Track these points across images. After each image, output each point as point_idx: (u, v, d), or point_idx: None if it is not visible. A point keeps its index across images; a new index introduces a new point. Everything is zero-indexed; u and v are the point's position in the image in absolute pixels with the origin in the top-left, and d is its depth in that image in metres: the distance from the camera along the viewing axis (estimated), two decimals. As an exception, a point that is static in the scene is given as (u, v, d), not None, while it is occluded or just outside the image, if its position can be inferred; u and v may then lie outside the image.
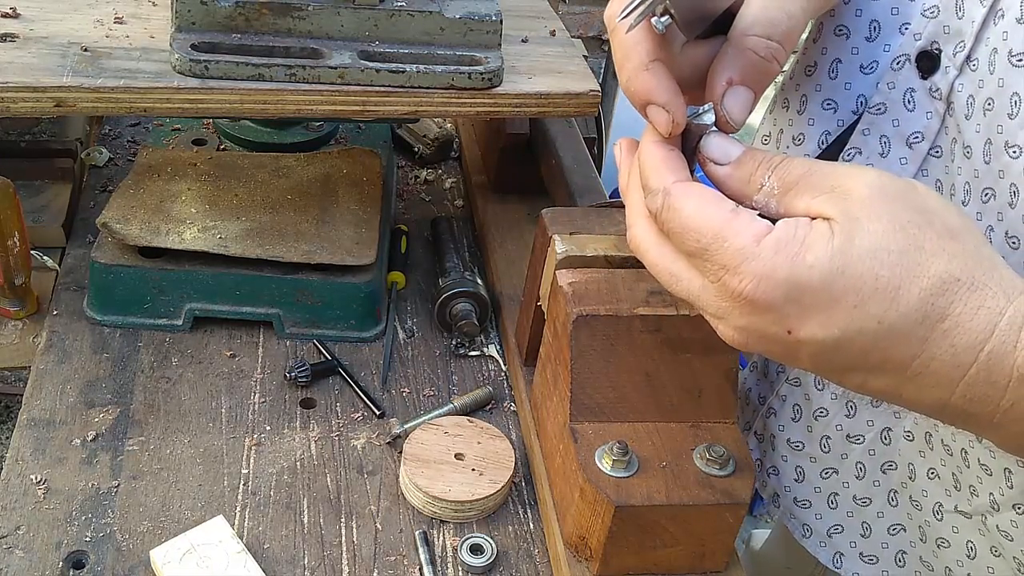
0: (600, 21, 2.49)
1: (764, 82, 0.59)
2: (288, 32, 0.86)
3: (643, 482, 0.71)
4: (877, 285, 0.49)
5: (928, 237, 0.50)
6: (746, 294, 0.51)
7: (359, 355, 0.95)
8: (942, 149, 0.68)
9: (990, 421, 0.51)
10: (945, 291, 0.49)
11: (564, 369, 0.75)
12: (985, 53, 0.63)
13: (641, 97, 0.58)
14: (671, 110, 0.57)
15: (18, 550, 0.73)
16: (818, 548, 0.87)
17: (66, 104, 0.80)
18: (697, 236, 0.53)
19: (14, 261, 0.91)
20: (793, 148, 0.78)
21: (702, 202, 0.53)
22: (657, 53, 0.58)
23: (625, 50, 0.58)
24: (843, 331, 0.50)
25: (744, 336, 0.54)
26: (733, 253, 0.51)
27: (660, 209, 0.55)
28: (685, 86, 0.61)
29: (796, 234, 0.50)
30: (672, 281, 0.56)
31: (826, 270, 0.49)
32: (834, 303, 0.50)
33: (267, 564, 0.75)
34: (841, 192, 0.51)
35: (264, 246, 0.92)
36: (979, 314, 0.49)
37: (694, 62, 0.61)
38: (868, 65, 0.72)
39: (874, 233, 0.49)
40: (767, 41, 0.58)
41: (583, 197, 0.98)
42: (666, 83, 0.58)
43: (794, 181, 0.53)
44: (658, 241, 0.57)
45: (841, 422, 0.79)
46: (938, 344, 0.50)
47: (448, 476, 0.81)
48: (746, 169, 0.56)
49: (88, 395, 0.86)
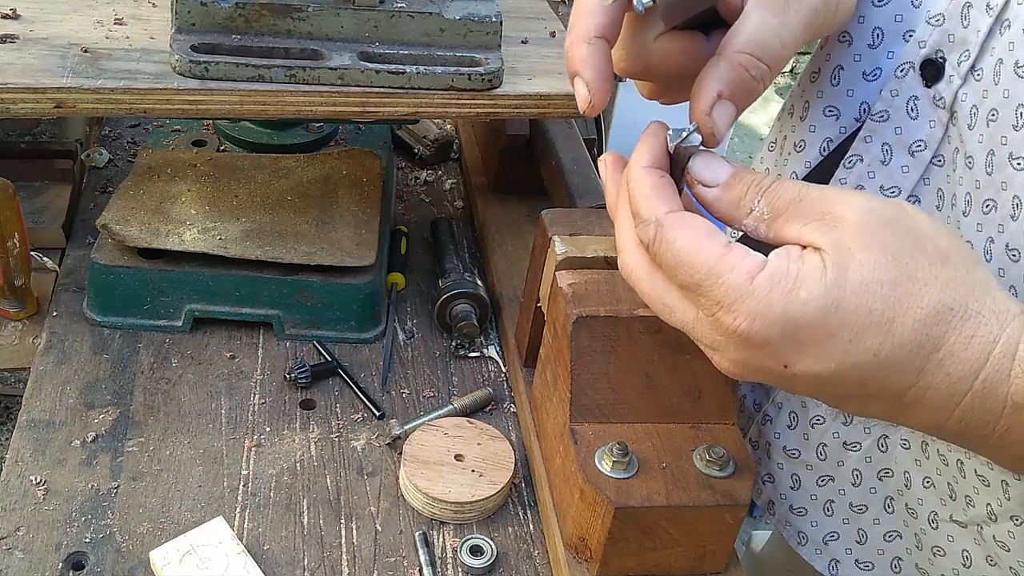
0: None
1: (748, 101, 0.59)
2: (288, 33, 0.86)
3: (643, 483, 0.71)
4: (871, 318, 0.49)
5: (920, 265, 0.50)
6: (741, 331, 0.51)
7: (359, 356, 0.95)
8: (944, 158, 0.67)
9: (986, 443, 0.51)
10: (939, 321, 0.49)
11: (564, 370, 0.75)
12: (990, 63, 0.62)
13: (573, 66, 0.59)
14: (593, 90, 0.57)
15: (18, 551, 0.73)
16: (814, 556, 0.86)
17: (66, 105, 0.80)
18: (690, 271, 0.52)
19: (14, 262, 0.91)
20: (795, 155, 0.78)
21: (696, 235, 0.53)
22: (606, 31, 0.58)
23: (578, 15, 0.59)
24: (839, 364, 0.50)
25: (739, 368, 0.54)
26: (727, 290, 0.51)
27: (652, 241, 0.55)
28: (653, 74, 0.61)
29: (789, 269, 0.50)
30: (665, 312, 0.56)
31: (820, 305, 0.49)
32: (829, 337, 0.50)
33: (267, 565, 0.75)
34: (832, 220, 0.51)
35: (264, 247, 0.92)
36: (973, 342, 0.49)
37: (667, 53, 0.61)
38: (871, 72, 0.71)
39: (866, 265, 0.50)
40: (758, 62, 0.57)
41: (583, 198, 0.98)
42: (600, 63, 0.58)
43: (784, 207, 0.53)
44: (650, 271, 0.57)
45: (838, 430, 0.79)
46: (933, 373, 0.50)
47: (448, 477, 0.81)
48: (735, 192, 0.55)
49: (88, 396, 0.86)
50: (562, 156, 1.05)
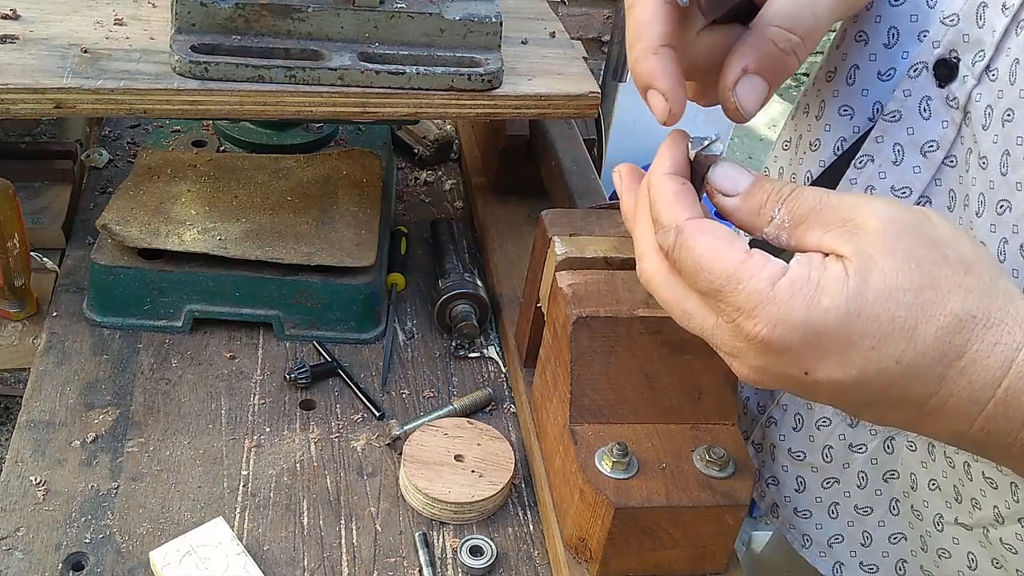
0: (600, 23, 2.50)
1: (780, 76, 0.58)
2: (288, 34, 0.86)
3: (643, 483, 0.71)
4: (894, 326, 0.49)
5: (943, 273, 0.49)
6: (761, 337, 0.50)
7: (359, 356, 0.95)
8: (957, 159, 0.67)
9: (1008, 452, 0.51)
10: (962, 329, 0.49)
11: (564, 370, 0.75)
12: (1006, 63, 0.62)
13: (644, 80, 0.58)
14: (670, 99, 0.57)
15: (18, 552, 0.73)
16: (818, 559, 0.86)
17: (66, 105, 0.80)
18: (710, 277, 0.52)
19: (14, 263, 0.91)
20: (810, 154, 0.78)
21: (716, 241, 0.52)
22: (669, 39, 0.57)
23: (638, 30, 0.58)
24: (861, 371, 0.50)
25: (759, 375, 0.53)
26: (747, 296, 0.50)
27: (672, 247, 0.54)
28: (698, 72, 0.60)
29: (811, 276, 0.50)
30: (685, 318, 0.56)
31: (842, 313, 0.49)
32: (851, 345, 0.49)
33: (267, 566, 0.75)
34: (853, 227, 0.51)
35: (264, 248, 0.92)
36: (996, 351, 0.49)
37: (710, 47, 0.60)
38: (886, 72, 0.71)
39: (889, 272, 0.49)
40: (789, 34, 0.57)
41: (583, 199, 0.98)
42: (671, 71, 0.57)
43: (805, 214, 0.52)
44: (669, 277, 0.56)
45: (844, 432, 0.79)
46: (955, 382, 0.49)
47: (448, 478, 0.81)
48: (755, 201, 0.55)
49: (88, 396, 0.86)
50: (562, 156, 1.05)
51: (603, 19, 2.49)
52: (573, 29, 2.33)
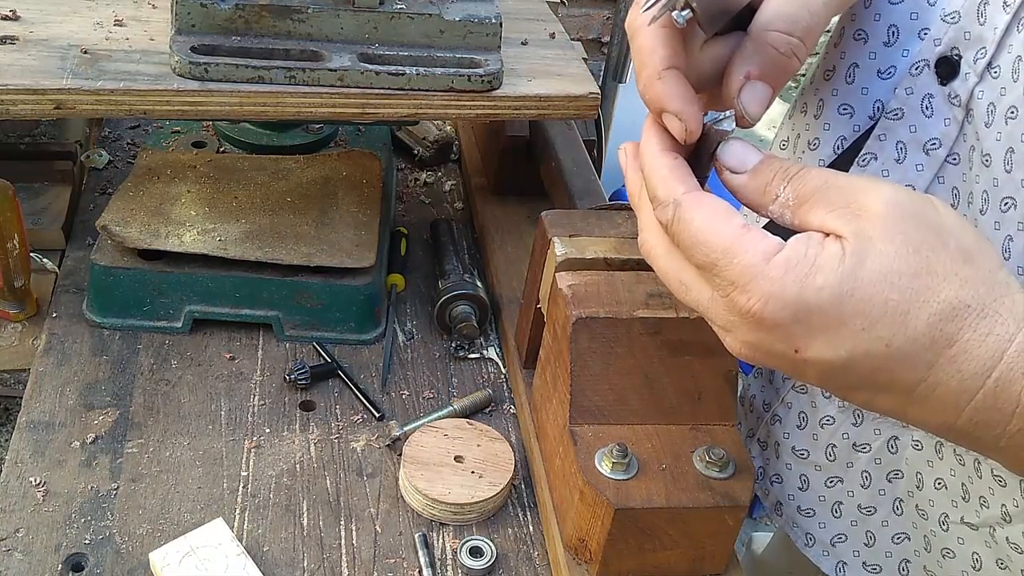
0: (599, 24, 2.49)
1: (783, 78, 0.59)
2: (288, 34, 0.86)
3: (643, 484, 0.71)
4: (886, 308, 0.49)
5: (941, 260, 0.49)
6: (754, 312, 0.50)
7: (359, 357, 0.95)
8: (960, 156, 0.67)
9: (996, 445, 0.51)
10: (954, 317, 0.49)
11: (564, 371, 0.75)
12: (1008, 60, 0.62)
13: (655, 105, 0.58)
14: (684, 119, 0.57)
15: (17, 552, 0.73)
16: (821, 558, 0.86)
17: (66, 106, 0.80)
18: (707, 250, 0.52)
19: (14, 263, 0.91)
20: (809, 153, 0.78)
21: (713, 216, 0.53)
22: (672, 60, 0.58)
23: (642, 57, 0.58)
24: (850, 352, 0.50)
25: (750, 350, 0.53)
26: (742, 270, 0.51)
27: (671, 221, 0.55)
28: (706, 83, 0.60)
29: (807, 254, 0.50)
30: (681, 290, 0.56)
31: (835, 292, 0.49)
32: (842, 325, 0.49)
33: (266, 566, 0.75)
34: (856, 209, 0.51)
35: (264, 248, 0.92)
36: (987, 341, 0.49)
37: (715, 59, 0.60)
38: (886, 70, 0.71)
39: (886, 255, 0.49)
40: (787, 37, 0.57)
41: (583, 199, 0.98)
42: (679, 91, 0.57)
43: (810, 194, 0.53)
44: (668, 249, 0.57)
45: (848, 430, 0.79)
46: (944, 369, 0.49)
47: (448, 478, 0.81)
48: (762, 179, 0.55)
49: (87, 397, 0.86)
50: (562, 157, 1.05)
51: (603, 20, 2.48)
52: (573, 30, 2.33)
